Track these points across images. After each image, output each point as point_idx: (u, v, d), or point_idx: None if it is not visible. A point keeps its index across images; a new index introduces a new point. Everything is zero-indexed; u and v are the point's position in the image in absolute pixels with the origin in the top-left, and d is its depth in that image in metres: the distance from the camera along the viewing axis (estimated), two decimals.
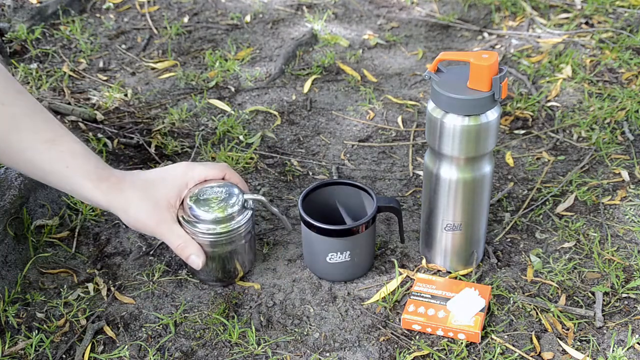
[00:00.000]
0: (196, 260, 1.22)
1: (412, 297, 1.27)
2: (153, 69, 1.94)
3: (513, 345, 1.21)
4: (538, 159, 1.63)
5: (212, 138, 1.68)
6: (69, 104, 1.77)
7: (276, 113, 1.78)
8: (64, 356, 1.21)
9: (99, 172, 1.18)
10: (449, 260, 1.34)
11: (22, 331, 1.25)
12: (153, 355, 1.21)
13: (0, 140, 1.13)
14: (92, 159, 1.19)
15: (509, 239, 1.42)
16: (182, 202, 1.26)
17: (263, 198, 1.31)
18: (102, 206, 1.20)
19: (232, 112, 1.77)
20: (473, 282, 1.32)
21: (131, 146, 1.66)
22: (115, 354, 1.21)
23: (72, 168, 1.16)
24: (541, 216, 1.47)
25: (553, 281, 1.33)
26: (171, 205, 1.22)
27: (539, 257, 1.38)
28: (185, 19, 2.15)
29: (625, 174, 1.56)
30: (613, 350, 1.20)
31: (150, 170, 1.26)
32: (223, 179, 1.29)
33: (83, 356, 1.21)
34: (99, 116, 1.73)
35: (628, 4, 2.17)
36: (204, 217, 1.25)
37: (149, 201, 1.20)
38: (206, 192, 1.27)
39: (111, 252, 1.41)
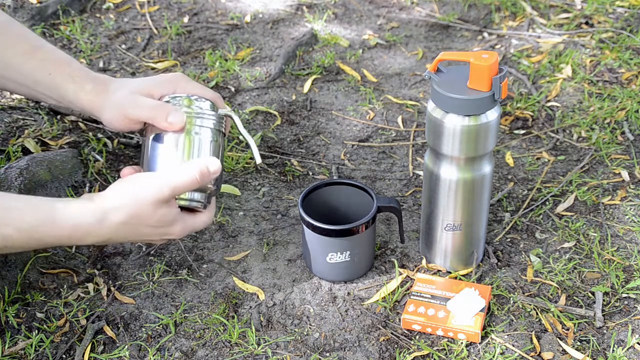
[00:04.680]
0: (177, 117, 1.08)
1: (412, 297, 1.27)
2: (153, 69, 1.94)
3: (513, 345, 1.21)
4: (538, 159, 1.63)
5: None
6: None
7: (276, 113, 1.78)
8: (64, 356, 1.21)
9: (82, 74, 1.15)
10: (449, 260, 1.34)
11: (22, 331, 1.25)
12: (153, 355, 1.21)
13: None
14: (75, 64, 1.15)
15: (509, 239, 1.42)
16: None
17: (235, 116, 1.19)
18: (85, 110, 1.15)
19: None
20: (473, 282, 1.32)
21: (131, 146, 1.66)
22: (115, 354, 1.21)
23: (55, 74, 1.14)
24: (541, 216, 1.47)
25: (553, 281, 1.33)
26: (150, 95, 1.12)
27: (539, 257, 1.38)
28: (185, 19, 2.15)
29: (625, 174, 1.56)
30: (613, 350, 1.20)
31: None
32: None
33: (83, 356, 1.21)
34: None
35: (628, 4, 2.17)
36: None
37: (128, 91, 1.12)
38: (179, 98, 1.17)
39: (111, 252, 1.41)
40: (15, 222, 0.99)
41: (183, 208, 1.13)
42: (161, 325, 1.27)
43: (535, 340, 1.22)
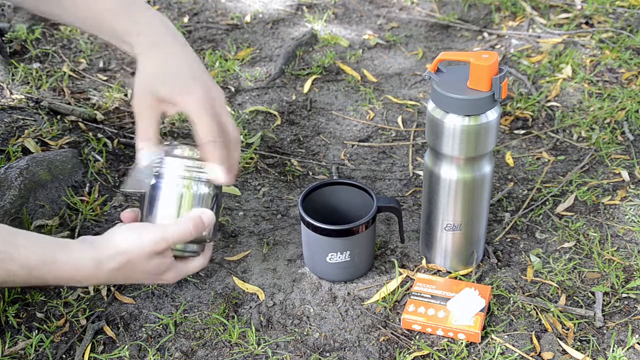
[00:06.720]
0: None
1: (412, 297, 1.27)
2: None
3: (513, 345, 1.21)
4: (538, 159, 1.63)
5: None
6: (69, 104, 1.77)
7: (276, 113, 1.78)
8: (64, 356, 1.21)
9: (125, 37, 1.16)
10: (449, 260, 1.34)
11: (22, 331, 1.25)
12: (153, 355, 1.21)
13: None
14: (122, 20, 1.17)
15: (509, 239, 1.42)
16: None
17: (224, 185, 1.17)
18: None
19: (232, 112, 1.77)
20: (473, 282, 1.32)
21: (131, 146, 1.66)
22: (115, 354, 1.21)
23: (105, 29, 1.17)
24: (541, 216, 1.47)
25: (553, 281, 1.33)
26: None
27: (539, 257, 1.38)
28: (185, 19, 2.15)
29: (625, 174, 1.56)
30: (613, 350, 1.20)
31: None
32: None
33: (83, 356, 1.21)
34: (99, 116, 1.73)
35: (628, 4, 2.17)
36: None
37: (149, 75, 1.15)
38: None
39: None
40: (21, 259, 1.02)
41: (178, 257, 1.14)
42: (161, 325, 1.27)
43: (535, 340, 1.22)
